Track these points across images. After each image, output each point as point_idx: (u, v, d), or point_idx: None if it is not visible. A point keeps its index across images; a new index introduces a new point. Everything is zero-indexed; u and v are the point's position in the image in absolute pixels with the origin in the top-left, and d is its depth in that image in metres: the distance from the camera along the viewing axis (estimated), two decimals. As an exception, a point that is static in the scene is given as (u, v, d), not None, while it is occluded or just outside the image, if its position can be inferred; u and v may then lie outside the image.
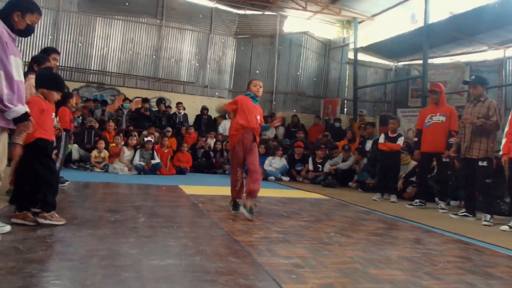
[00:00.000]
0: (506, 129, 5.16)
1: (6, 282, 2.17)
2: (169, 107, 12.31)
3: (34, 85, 4.24)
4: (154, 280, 2.37)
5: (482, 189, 5.55)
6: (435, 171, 7.09)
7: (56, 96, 3.78)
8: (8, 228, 3.17)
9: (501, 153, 5.20)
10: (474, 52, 13.42)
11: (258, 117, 4.92)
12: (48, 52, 5.04)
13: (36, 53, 9.94)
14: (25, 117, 2.96)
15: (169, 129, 10.68)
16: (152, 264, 2.67)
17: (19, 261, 2.51)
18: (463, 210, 5.76)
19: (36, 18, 3.15)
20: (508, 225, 4.95)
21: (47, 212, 3.53)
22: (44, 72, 4.19)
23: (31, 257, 2.62)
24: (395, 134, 7.30)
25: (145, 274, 2.46)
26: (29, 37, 12.57)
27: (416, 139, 6.83)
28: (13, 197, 3.94)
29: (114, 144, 9.41)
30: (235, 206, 4.92)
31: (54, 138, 4.11)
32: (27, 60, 10.42)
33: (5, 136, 3.09)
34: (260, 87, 4.96)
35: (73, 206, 4.63)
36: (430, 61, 12.47)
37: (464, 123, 5.68)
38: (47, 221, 3.50)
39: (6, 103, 2.83)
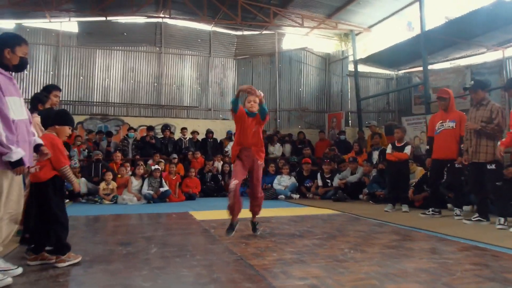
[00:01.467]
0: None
1: (21, 326, 2.16)
2: (172, 133, 12.35)
3: (39, 123, 4.29)
4: (169, 314, 2.34)
5: (494, 192, 5.48)
6: (445, 178, 7.01)
7: (68, 131, 3.81)
8: (20, 270, 3.15)
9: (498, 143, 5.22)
10: (473, 55, 13.41)
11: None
12: (49, 89, 5.09)
13: (38, 90, 10.09)
14: (22, 162, 2.92)
15: (175, 156, 10.68)
16: (166, 296, 2.64)
17: (33, 304, 2.50)
18: (476, 215, 5.68)
19: (25, 48, 3.16)
20: None
21: (63, 255, 3.48)
22: (51, 110, 4.21)
23: (44, 298, 2.61)
24: (402, 143, 7.26)
25: (159, 308, 2.43)
26: (30, 74, 12.82)
27: (428, 147, 6.76)
28: (23, 237, 3.93)
29: (120, 176, 9.42)
30: (230, 229, 4.68)
31: None
32: (28, 97, 10.61)
33: (19, 178, 3.09)
34: (255, 102, 4.74)
35: (84, 241, 4.61)
36: (430, 67, 12.49)
37: (466, 128, 5.67)
38: (66, 264, 3.42)
39: (7, 144, 2.82)
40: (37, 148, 3.22)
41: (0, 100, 2.86)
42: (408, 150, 7.17)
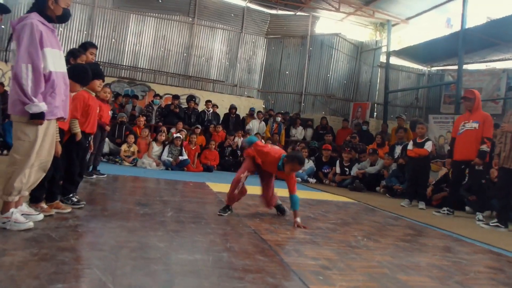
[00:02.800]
0: None
1: (40, 267, 2.23)
2: (197, 104, 12.39)
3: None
4: (182, 274, 2.39)
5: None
6: (466, 179, 6.91)
7: (98, 83, 4.06)
8: (41, 216, 3.25)
9: None
10: (511, 59, 13.01)
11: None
12: (85, 46, 5.11)
13: (72, 47, 10.21)
14: (42, 115, 2.93)
15: (198, 126, 10.76)
16: (180, 258, 2.69)
17: (52, 249, 2.57)
18: (495, 220, 5.59)
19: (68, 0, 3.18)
20: None
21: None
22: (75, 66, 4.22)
23: (63, 245, 2.68)
24: (423, 140, 7.16)
25: (173, 268, 2.48)
26: (64, 32, 12.95)
27: (449, 147, 6.65)
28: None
29: (142, 137, 9.55)
30: (225, 209, 4.49)
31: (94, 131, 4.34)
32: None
33: (53, 128, 3.15)
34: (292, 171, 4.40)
35: (103, 197, 4.72)
36: (465, 67, 12.18)
37: (503, 131, 5.49)
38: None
39: (30, 95, 2.85)
40: None
41: (36, 52, 2.88)
42: (428, 146, 7.06)
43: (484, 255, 3.90)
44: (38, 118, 2.91)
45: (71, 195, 3.93)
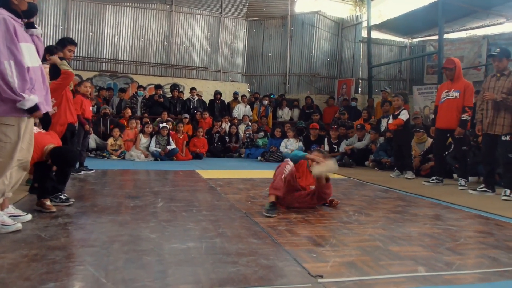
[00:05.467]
0: None
1: (30, 269, 2.21)
2: (182, 92, 12.31)
3: (47, 73, 4.30)
4: (175, 263, 2.39)
5: (505, 164, 5.42)
6: (452, 148, 6.99)
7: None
8: (29, 217, 3.22)
9: None
10: (491, 25, 13.05)
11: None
12: (64, 43, 5.01)
13: (47, 43, 10.01)
14: (37, 107, 2.95)
15: (186, 115, 10.70)
16: (173, 247, 2.69)
17: (42, 248, 2.55)
18: (482, 185, 5.67)
19: None
20: None
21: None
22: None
23: (53, 244, 2.66)
24: (399, 111, 7.26)
25: (166, 258, 2.48)
26: (39, 27, 12.65)
27: (433, 115, 6.74)
28: (33, 186, 4.01)
29: (129, 128, 9.48)
30: (273, 207, 3.83)
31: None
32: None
33: (31, 125, 3.11)
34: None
35: (92, 193, 4.68)
36: (445, 36, 12.19)
37: (484, 99, 5.54)
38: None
39: (19, 92, 2.81)
40: None
41: (15, 46, 2.82)
42: (403, 115, 7.13)
43: (474, 220, 3.97)
44: (35, 111, 2.92)
45: (59, 193, 3.89)
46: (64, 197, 3.89)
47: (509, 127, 5.31)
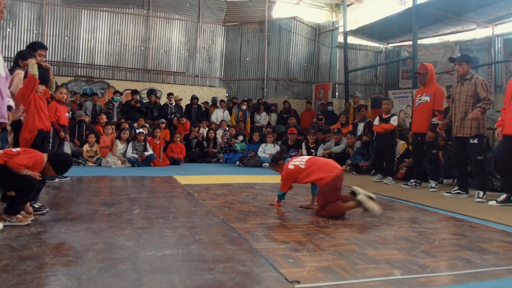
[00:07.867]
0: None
1: (1, 280, 2.15)
2: (158, 98, 12.21)
3: (22, 79, 4.22)
4: (151, 271, 2.35)
5: (475, 166, 5.58)
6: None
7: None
8: (0, 226, 3.14)
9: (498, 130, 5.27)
10: (463, 31, 13.38)
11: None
12: (34, 47, 4.93)
13: (22, 48, 9.80)
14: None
15: (163, 120, 10.63)
16: (148, 255, 2.65)
17: (13, 259, 2.49)
18: (456, 188, 5.81)
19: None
20: (496, 200, 5.05)
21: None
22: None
23: (25, 254, 2.60)
24: (389, 115, 7.30)
25: (141, 266, 2.44)
26: (13, 32, 12.42)
27: (410, 120, 6.89)
28: (4, 194, 3.90)
29: (105, 135, 9.35)
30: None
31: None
32: (12, 56, 10.29)
33: None
34: None
35: (67, 201, 4.60)
36: (419, 41, 12.46)
37: (470, 120, 5.57)
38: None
39: None
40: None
41: None
42: (394, 120, 7.20)
43: (448, 222, 4.04)
44: None
45: (32, 202, 3.80)
46: (37, 206, 3.80)
47: (477, 128, 5.49)
